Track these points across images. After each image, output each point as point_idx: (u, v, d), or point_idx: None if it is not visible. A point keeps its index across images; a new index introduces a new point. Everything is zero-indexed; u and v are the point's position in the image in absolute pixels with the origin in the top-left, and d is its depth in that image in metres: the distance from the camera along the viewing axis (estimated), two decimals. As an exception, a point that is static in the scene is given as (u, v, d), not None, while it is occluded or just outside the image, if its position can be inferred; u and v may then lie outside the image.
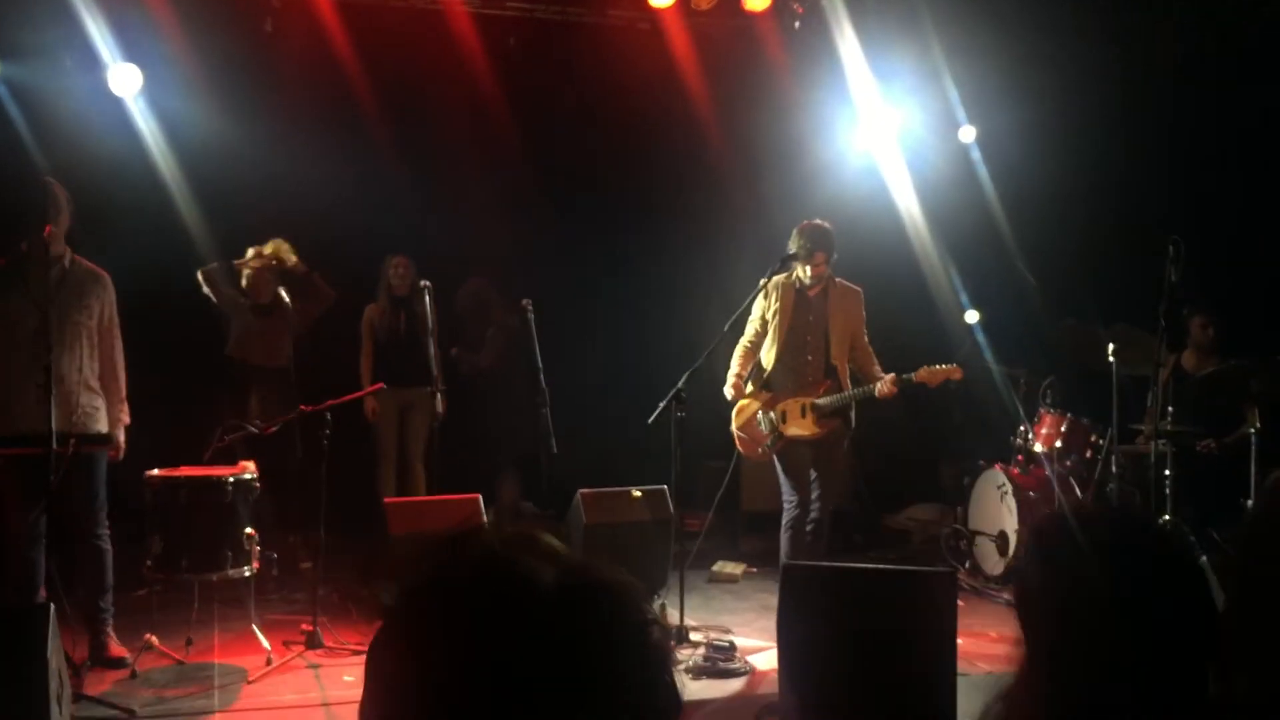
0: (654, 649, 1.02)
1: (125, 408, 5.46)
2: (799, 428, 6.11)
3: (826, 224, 6.19)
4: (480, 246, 8.20)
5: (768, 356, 6.24)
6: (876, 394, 6.04)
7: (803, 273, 6.16)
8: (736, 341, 6.31)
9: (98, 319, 5.32)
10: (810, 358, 6.19)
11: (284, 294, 6.85)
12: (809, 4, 8.28)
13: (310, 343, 7.22)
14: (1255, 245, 7.56)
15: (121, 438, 5.43)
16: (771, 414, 6.18)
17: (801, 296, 6.20)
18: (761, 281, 6.20)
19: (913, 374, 6.05)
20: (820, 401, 6.11)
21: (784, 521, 6.18)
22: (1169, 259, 6.32)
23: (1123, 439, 6.90)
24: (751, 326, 6.30)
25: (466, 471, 7.45)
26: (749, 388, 6.33)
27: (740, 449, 6.46)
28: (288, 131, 7.69)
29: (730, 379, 6.29)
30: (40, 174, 5.38)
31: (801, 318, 6.19)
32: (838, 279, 6.28)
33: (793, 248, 6.12)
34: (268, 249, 7.05)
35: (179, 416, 7.00)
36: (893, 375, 6.05)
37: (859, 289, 6.34)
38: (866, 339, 6.34)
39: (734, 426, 6.37)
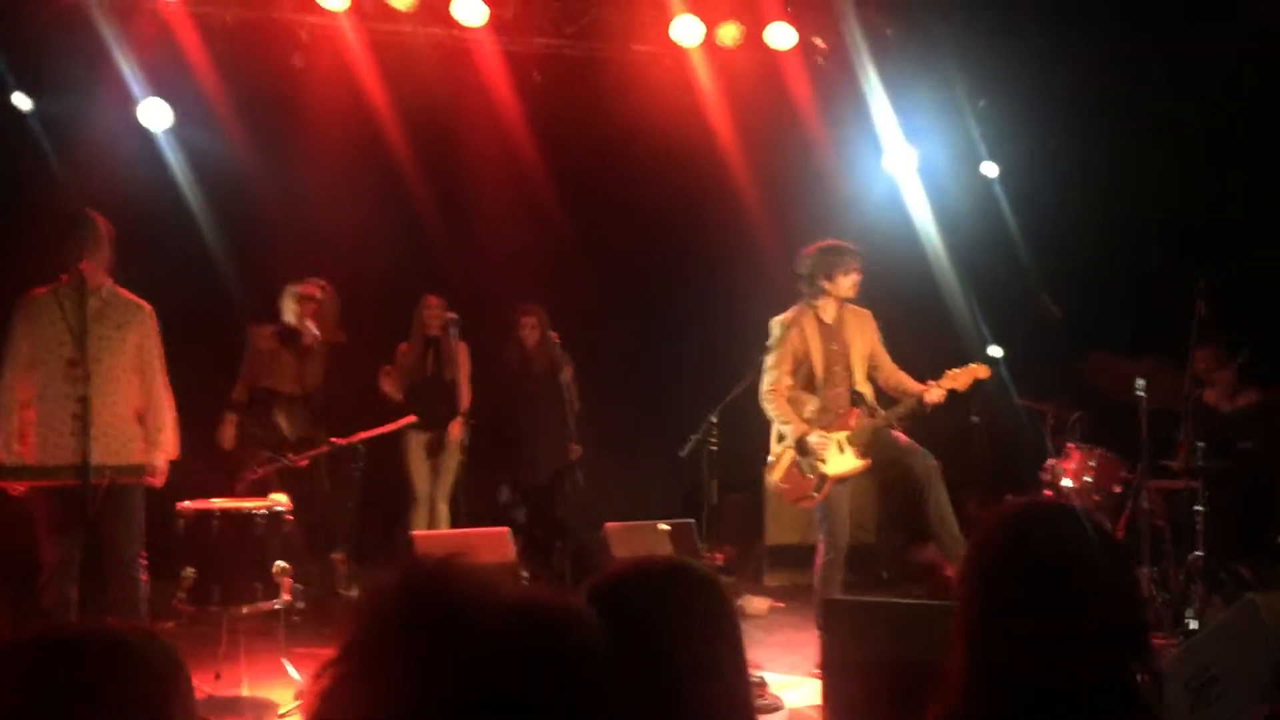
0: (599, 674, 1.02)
1: (172, 437, 5.39)
2: (842, 465, 5.90)
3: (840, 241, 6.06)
4: (505, 279, 8.21)
5: (807, 402, 6.04)
6: (927, 401, 5.88)
7: (824, 300, 6.01)
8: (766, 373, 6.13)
9: (139, 350, 5.30)
10: (840, 389, 6.04)
11: (311, 326, 6.86)
12: (832, 42, 8.34)
13: (339, 373, 7.21)
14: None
15: (161, 464, 5.33)
16: (810, 459, 5.94)
17: (825, 328, 6.06)
18: (782, 319, 6.06)
19: (940, 381, 5.93)
20: (854, 433, 5.95)
21: (818, 564, 5.95)
22: (1197, 293, 6.35)
23: (1152, 474, 6.87)
24: (782, 370, 6.01)
25: (492, 504, 7.45)
26: (776, 447, 6.13)
27: (786, 500, 6.27)
28: (315, 165, 7.75)
29: (797, 426, 5.95)
30: (80, 207, 5.39)
31: (829, 350, 6.04)
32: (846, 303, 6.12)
33: (823, 272, 5.94)
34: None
35: (207, 448, 7.02)
36: (933, 382, 5.93)
37: (867, 310, 6.20)
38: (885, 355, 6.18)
39: (775, 479, 6.13)
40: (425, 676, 0.95)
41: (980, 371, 5.98)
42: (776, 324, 6.06)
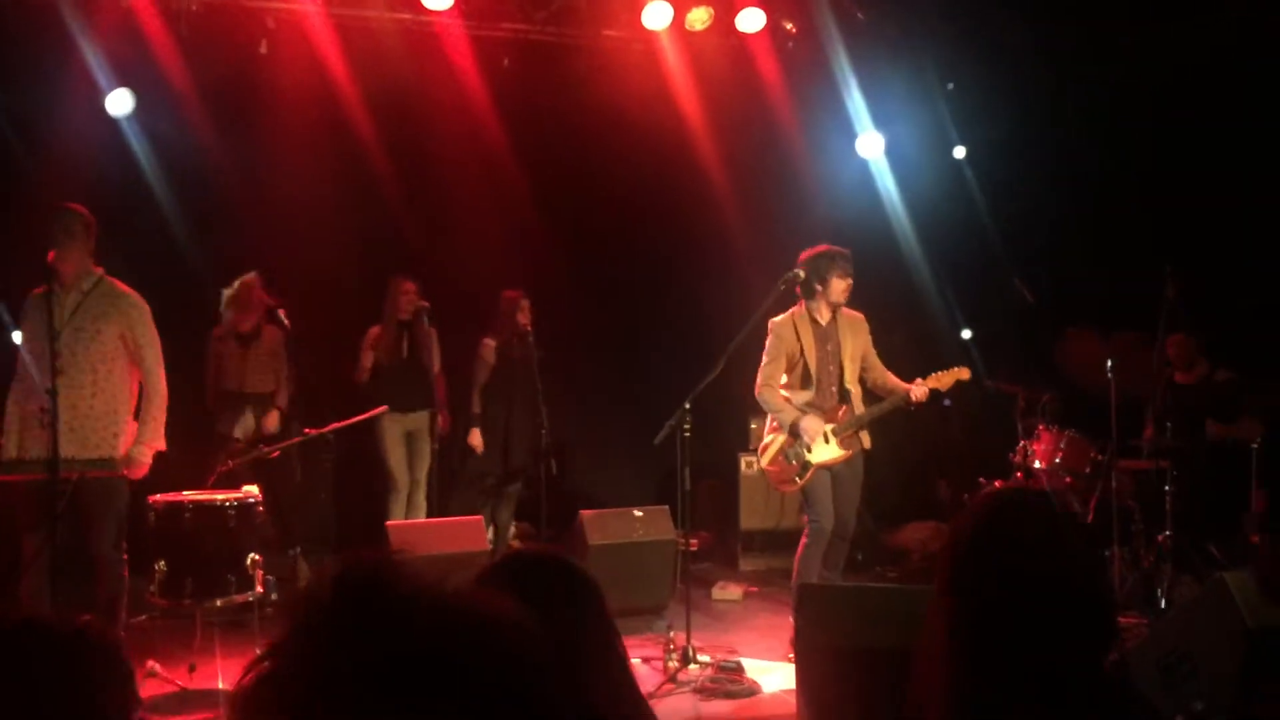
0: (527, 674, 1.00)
1: (159, 429, 5.30)
2: (824, 454, 6.04)
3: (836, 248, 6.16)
4: (474, 265, 8.16)
5: (799, 396, 6.14)
6: (913, 398, 6.03)
7: (818, 303, 6.11)
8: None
9: (125, 341, 5.20)
10: (833, 388, 6.19)
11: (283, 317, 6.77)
12: (802, 25, 8.32)
13: (312, 365, 7.15)
14: (1248, 257, 7.63)
15: (145, 458, 5.24)
16: (796, 447, 6.07)
17: (819, 329, 6.18)
18: (779, 320, 6.15)
19: (925, 380, 6.07)
20: (840, 425, 6.07)
21: (801, 547, 6.03)
22: (1165, 277, 6.41)
23: (1120, 455, 6.94)
24: (776, 367, 6.13)
25: (466, 494, 7.43)
26: (767, 436, 6.27)
27: (772, 483, 6.46)
28: (284, 152, 7.68)
29: (790, 413, 6.07)
30: (51, 200, 5.33)
31: (823, 350, 6.17)
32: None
33: (817, 276, 6.05)
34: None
35: (178, 440, 6.95)
36: (919, 380, 6.07)
37: (861, 315, 6.32)
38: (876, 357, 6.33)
39: (763, 463, 6.30)
40: (344, 677, 0.94)
41: (962, 374, 6.15)
42: (774, 324, 6.17)
